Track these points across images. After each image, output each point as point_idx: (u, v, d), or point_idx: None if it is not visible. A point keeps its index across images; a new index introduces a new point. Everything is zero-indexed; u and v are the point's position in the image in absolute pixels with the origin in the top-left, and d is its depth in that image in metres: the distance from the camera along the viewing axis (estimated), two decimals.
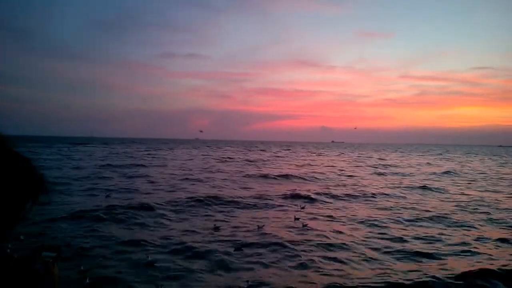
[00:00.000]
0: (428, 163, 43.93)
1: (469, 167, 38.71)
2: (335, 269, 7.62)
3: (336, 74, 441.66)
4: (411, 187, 20.54)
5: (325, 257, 8.29)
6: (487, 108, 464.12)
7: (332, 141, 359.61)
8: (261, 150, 76.53)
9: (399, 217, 12.61)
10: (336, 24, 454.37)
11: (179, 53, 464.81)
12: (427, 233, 10.53)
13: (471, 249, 9.16)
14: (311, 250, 8.76)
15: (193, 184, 20.01)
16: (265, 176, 24.64)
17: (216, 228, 10.47)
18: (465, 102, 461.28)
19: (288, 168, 31.81)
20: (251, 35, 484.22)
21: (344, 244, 9.33)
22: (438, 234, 10.46)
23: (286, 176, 24.81)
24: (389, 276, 7.21)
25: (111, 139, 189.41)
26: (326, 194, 17.49)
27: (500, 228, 11.43)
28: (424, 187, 20.49)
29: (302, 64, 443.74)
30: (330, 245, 9.25)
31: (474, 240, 10.03)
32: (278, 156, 54.06)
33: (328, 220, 12.11)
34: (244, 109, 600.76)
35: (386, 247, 9.13)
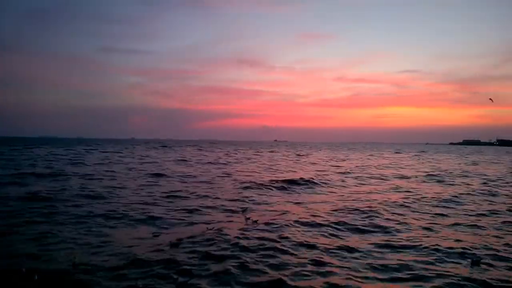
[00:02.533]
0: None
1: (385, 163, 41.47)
2: None
3: (277, 74, 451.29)
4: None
5: None
6: (416, 109, 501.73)
7: (275, 140, 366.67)
8: (212, 150, 75.52)
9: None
10: (279, 24, 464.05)
11: (119, 48, 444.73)
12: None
13: None
14: None
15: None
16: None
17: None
18: (396, 103, 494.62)
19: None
20: (195, 32, 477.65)
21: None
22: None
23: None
24: None
25: (37, 139, 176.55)
26: None
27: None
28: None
29: (246, 63, 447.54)
30: None
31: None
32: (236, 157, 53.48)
33: None
34: (187, 107, 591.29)
35: None
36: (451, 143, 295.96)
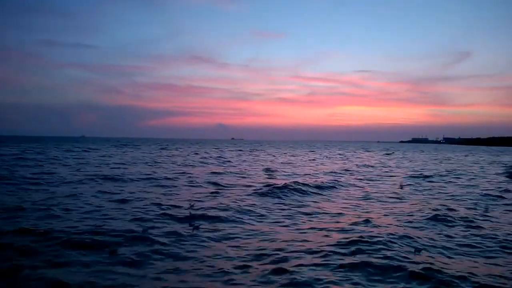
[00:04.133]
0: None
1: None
2: None
3: (231, 71, 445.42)
4: None
5: None
6: (368, 108, 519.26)
7: (232, 138, 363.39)
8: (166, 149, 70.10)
9: None
10: (232, 21, 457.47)
11: (61, 42, 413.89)
12: None
13: None
14: None
15: None
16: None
17: None
18: (350, 102, 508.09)
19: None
20: (144, 26, 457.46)
21: None
22: None
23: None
24: None
25: None
26: None
27: None
28: None
29: (197, 59, 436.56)
30: None
31: None
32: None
33: None
34: (136, 104, 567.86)
35: None
36: (401, 141, 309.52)
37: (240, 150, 73.34)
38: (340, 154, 66.32)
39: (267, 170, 29.06)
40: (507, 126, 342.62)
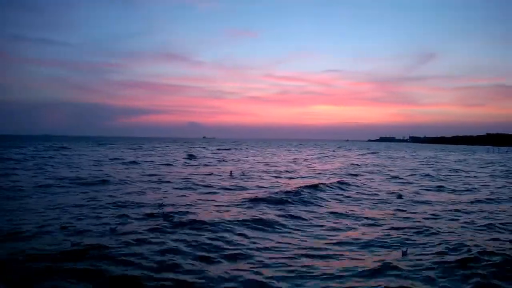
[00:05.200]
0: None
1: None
2: None
3: (204, 69, 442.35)
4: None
5: None
6: (337, 107, 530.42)
7: (204, 137, 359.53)
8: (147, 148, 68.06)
9: None
10: (206, 19, 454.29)
11: (29, 37, 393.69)
12: None
13: None
14: None
15: None
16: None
17: None
18: (320, 101, 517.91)
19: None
20: (116, 22, 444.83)
21: None
22: None
23: None
24: None
25: None
26: None
27: None
28: None
29: (172, 57, 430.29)
30: None
31: None
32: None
33: None
34: (109, 102, 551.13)
35: None
36: (370, 140, 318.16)
37: (223, 149, 72.62)
38: (322, 153, 67.01)
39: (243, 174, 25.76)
40: (469, 126, 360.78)
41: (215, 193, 17.28)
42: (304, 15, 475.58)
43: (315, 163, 40.92)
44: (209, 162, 37.58)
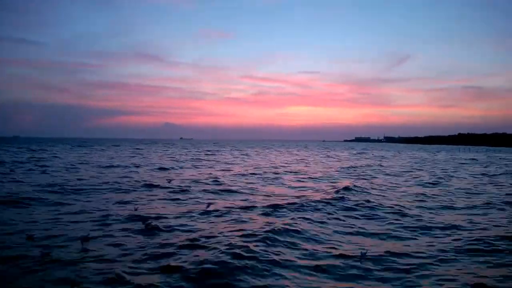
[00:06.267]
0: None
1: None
2: None
3: (181, 70, 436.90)
4: None
5: None
6: (314, 108, 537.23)
7: (181, 138, 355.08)
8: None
9: None
10: (182, 19, 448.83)
11: (0, 36, 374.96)
12: None
13: None
14: None
15: None
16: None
17: None
18: (297, 103, 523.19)
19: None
20: (92, 22, 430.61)
21: None
22: None
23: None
24: None
25: None
26: None
27: None
28: None
29: (147, 58, 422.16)
30: None
31: None
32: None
33: None
34: (82, 103, 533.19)
35: None
36: (345, 140, 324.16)
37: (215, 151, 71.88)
38: (304, 154, 67.48)
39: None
40: (441, 126, 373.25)
41: None
42: (281, 16, 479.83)
43: (332, 167, 41.08)
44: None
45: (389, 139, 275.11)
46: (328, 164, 40.38)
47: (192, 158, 46.65)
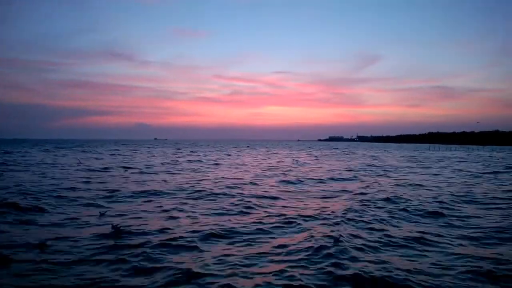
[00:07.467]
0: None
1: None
2: None
3: (152, 69, 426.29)
4: None
5: None
6: (287, 108, 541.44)
7: (155, 138, 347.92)
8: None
9: None
10: (152, 18, 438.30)
11: None
12: None
13: None
14: None
15: None
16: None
17: None
18: (271, 102, 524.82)
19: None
20: (57, 19, 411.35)
21: None
22: None
23: None
24: None
25: None
26: None
27: None
28: None
29: (117, 56, 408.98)
30: None
31: None
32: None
33: None
34: (47, 103, 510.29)
35: None
36: (319, 139, 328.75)
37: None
38: (298, 155, 67.00)
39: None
40: (410, 125, 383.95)
41: None
42: (253, 16, 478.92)
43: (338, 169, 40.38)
44: None
45: (362, 138, 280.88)
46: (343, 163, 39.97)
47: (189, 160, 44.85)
